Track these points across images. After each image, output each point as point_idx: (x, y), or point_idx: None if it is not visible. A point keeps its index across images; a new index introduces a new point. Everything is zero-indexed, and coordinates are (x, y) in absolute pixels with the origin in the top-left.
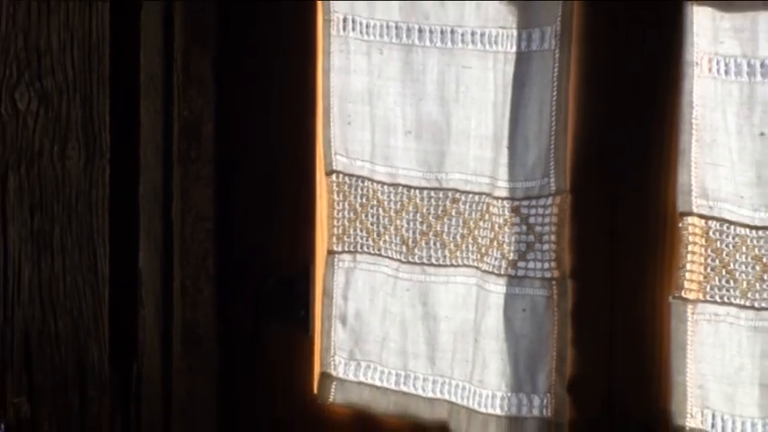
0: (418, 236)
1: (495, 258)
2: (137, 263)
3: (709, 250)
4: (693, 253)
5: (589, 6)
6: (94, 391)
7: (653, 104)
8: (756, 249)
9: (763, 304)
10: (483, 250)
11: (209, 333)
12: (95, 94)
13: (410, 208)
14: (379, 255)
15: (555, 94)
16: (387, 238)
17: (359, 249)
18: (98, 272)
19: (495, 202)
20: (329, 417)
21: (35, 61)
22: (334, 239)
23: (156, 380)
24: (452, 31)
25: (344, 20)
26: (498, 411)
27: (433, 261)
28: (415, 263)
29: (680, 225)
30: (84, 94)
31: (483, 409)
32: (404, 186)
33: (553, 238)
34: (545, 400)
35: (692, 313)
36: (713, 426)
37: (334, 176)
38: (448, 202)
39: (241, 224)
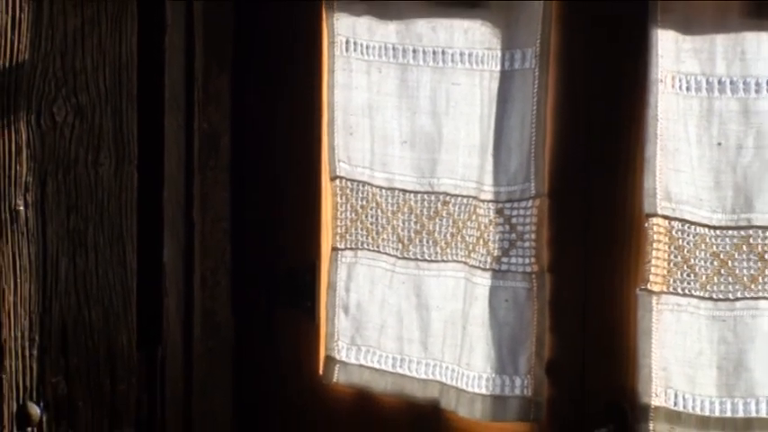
0: (413, 234)
1: (482, 254)
2: (161, 258)
3: (672, 247)
4: (658, 250)
5: (566, 30)
6: (123, 372)
7: (622, 117)
8: (714, 247)
9: (720, 296)
10: (470, 247)
11: (226, 320)
12: (125, 108)
13: (405, 209)
14: (378, 251)
15: (535, 108)
16: (385, 236)
17: (360, 246)
18: (127, 266)
19: (481, 204)
20: (333, 395)
21: (71, 79)
22: (338, 238)
23: (178, 362)
24: (443, 52)
25: (347, 42)
26: (484, 391)
27: (426, 257)
28: (409, 258)
29: (646, 225)
30: (115, 109)
31: (470, 389)
32: (400, 190)
33: (533, 236)
34: (525, 381)
35: (657, 303)
36: (675, 404)
37: (337, 181)
38: (439, 205)
39: (254, 224)
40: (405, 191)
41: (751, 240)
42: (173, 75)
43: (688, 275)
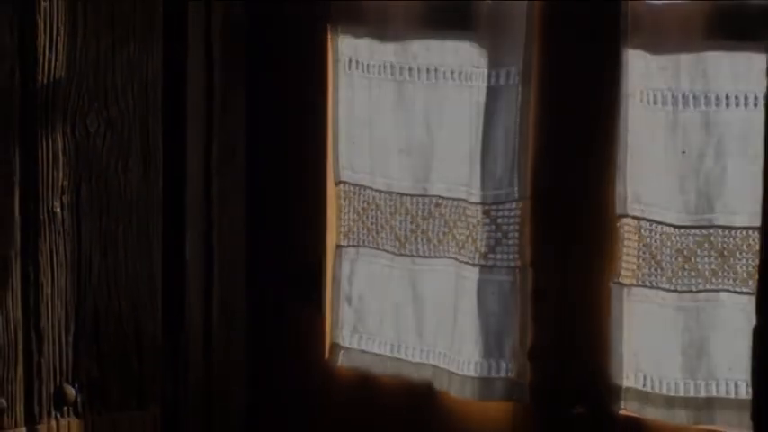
0: (409, 233)
1: (470, 251)
2: (184, 254)
3: (641, 245)
4: (628, 247)
5: (546, 50)
6: (150, 357)
7: (597, 128)
8: (678, 244)
9: (684, 288)
10: (460, 245)
11: (241, 311)
12: (151, 120)
13: (402, 211)
14: (378, 249)
15: (518, 120)
16: (384, 235)
17: (361, 244)
18: (153, 262)
19: (470, 206)
20: (338, 377)
21: (103, 94)
22: (342, 236)
23: (199, 348)
24: (436, 70)
25: (350, 61)
26: (472, 373)
27: (421, 254)
28: (406, 255)
29: (618, 225)
30: (142, 121)
31: (460, 372)
32: (397, 194)
33: (517, 235)
34: (510, 365)
35: (628, 295)
36: (644, 385)
37: (341, 186)
38: (432, 207)
39: (267, 223)
40: (401, 194)
41: (711, 239)
42: (194, 90)
43: (655, 270)
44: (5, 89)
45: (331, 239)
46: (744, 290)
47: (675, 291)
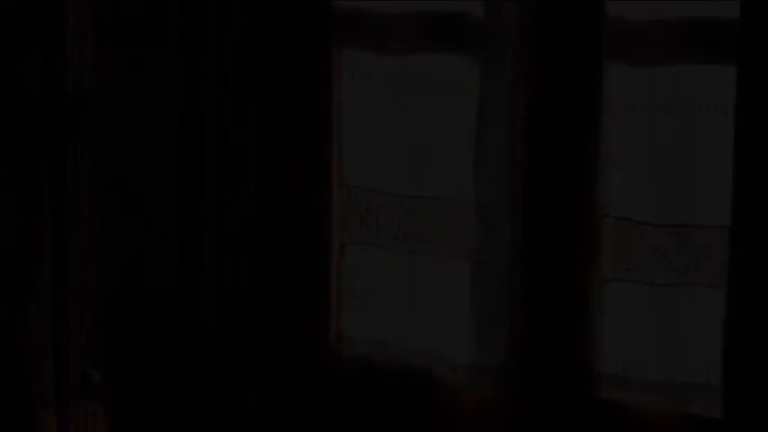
0: (407, 231)
1: (465, 248)
2: (200, 252)
3: (620, 242)
4: (609, 244)
5: (533, 62)
6: (169, 345)
7: (580, 135)
8: (655, 242)
9: (660, 282)
10: (456, 242)
11: (253, 302)
12: (169, 128)
13: (401, 211)
14: (379, 246)
15: (508, 126)
16: (384, 233)
17: (364, 242)
18: (172, 259)
19: (464, 206)
20: (342, 364)
21: (124, 107)
22: (346, 234)
23: (213, 336)
24: (433, 80)
25: (352, 74)
26: (468, 362)
27: (419, 251)
28: (404, 252)
29: (600, 224)
30: (161, 132)
31: (456, 360)
32: (396, 195)
33: (508, 233)
34: (502, 355)
35: (609, 289)
36: (624, 372)
37: (345, 188)
38: (429, 207)
39: (276, 222)
40: (400, 196)
41: (686, 236)
42: (208, 103)
43: (633, 266)
44: (37, 99)
45: (336, 237)
46: (715, 284)
47: (651, 284)
